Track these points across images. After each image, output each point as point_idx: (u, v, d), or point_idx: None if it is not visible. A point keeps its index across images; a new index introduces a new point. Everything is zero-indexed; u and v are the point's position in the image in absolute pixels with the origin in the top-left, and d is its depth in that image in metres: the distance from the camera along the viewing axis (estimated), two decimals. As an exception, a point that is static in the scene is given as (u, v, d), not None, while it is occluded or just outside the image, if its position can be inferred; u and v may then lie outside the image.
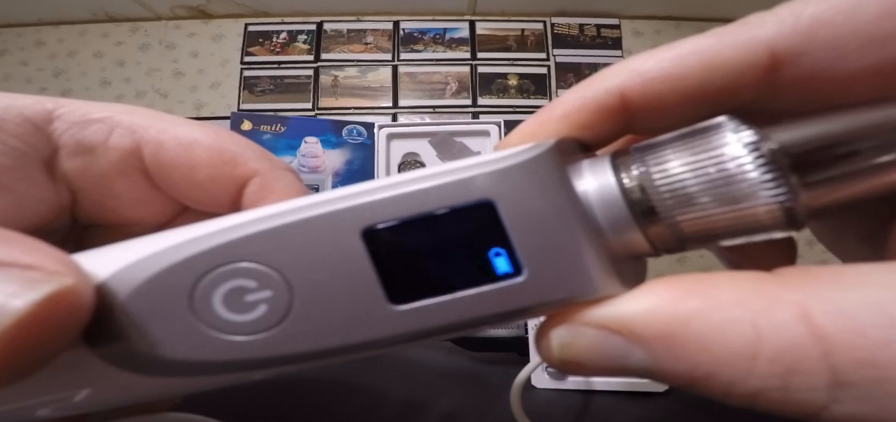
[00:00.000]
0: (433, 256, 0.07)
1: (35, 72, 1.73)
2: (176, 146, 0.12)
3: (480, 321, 0.07)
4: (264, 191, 0.12)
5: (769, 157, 0.06)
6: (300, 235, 0.07)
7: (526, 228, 0.07)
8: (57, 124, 0.11)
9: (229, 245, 0.07)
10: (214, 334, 0.07)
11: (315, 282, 0.07)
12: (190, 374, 0.07)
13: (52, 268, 0.07)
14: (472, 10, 1.79)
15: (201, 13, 1.75)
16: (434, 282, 0.07)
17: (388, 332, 0.07)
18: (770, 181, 0.06)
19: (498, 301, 0.07)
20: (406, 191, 0.07)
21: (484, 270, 0.07)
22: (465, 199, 0.07)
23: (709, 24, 1.31)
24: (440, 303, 0.07)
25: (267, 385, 0.22)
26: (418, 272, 0.07)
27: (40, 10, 1.67)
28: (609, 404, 0.20)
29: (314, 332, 0.07)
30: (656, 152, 0.07)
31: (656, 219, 0.07)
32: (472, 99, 1.76)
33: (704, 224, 0.07)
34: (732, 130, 0.06)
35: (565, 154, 0.07)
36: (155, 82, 1.75)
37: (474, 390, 0.22)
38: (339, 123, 0.64)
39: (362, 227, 0.07)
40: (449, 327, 0.07)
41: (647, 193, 0.07)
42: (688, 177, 0.06)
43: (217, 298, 0.07)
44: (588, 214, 0.07)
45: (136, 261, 0.07)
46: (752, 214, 0.06)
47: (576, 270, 0.07)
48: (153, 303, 0.07)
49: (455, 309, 0.07)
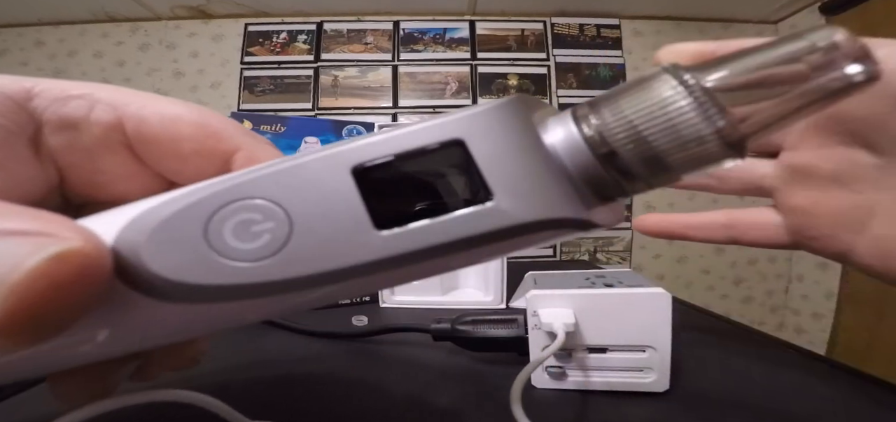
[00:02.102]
0: (412, 189, 0.08)
1: (35, 72, 1.73)
2: (159, 120, 0.12)
3: (457, 245, 0.08)
4: (252, 161, 0.12)
5: (702, 92, 0.07)
6: (299, 175, 0.08)
7: (493, 160, 0.08)
8: (37, 101, 0.11)
9: (239, 185, 0.08)
10: (225, 261, 0.08)
11: (311, 214, 0.08)
12: (206, 299, 0.08)
13: (66, 235, 0.07)
14: (472, 10, 1.79)
15: (201, 13, 1.75)
16: (414, 212, 0.08)
17: (373, 255, 0.08)
18: (706, 113, 0.07)
19: (472, 225, 0.08)
20: (390, 135, 0.08)
21: (458, 198, 0.08)
22: (439, 138, 0.08)
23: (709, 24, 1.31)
24: (419, 227, 0.08)
25: (269, 384, 0.22)
26: (400, 203, 0.08)
27: (40, 10, 1.67)
28: (609, 404, 0.20)
29: (310, 257, 0.08)
30: (610, 102, 0.08)
31: (617, 160, 0.08)
32: (472, 99, 1.76)
33: (659, 160, 0.08)
34: (671, 74, 0.07)
35: (532, 107, 0.09)
36: (155, 82, 1.75)
37: (474, 389, 0.22)
38: (339, 123, 0.64)
39: (352, 165, 0.08)
40: (429, 250, 0.08)
41: (605, 137, 0.08)
42: (638, 120, 0.08)
43: (228, 230, 0.08)
44: (554, 158, 0.08)
45: (158, 204, 0.08)
46: (696, 144, 0.07)
47: (542, 193, 0.08)
48: (174, 235, 0.08)
49: (432, 232, 0.08)
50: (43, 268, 0.07)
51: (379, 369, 0.25)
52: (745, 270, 1.75)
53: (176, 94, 1.74)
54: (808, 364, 0.26)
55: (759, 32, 1.79)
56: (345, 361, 0.26)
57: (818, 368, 0.25)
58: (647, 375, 0.21)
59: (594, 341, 0.21)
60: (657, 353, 0.20)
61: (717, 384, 0.22)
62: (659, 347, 0.20)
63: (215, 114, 0.13)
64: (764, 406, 0.20)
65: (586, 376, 0.21)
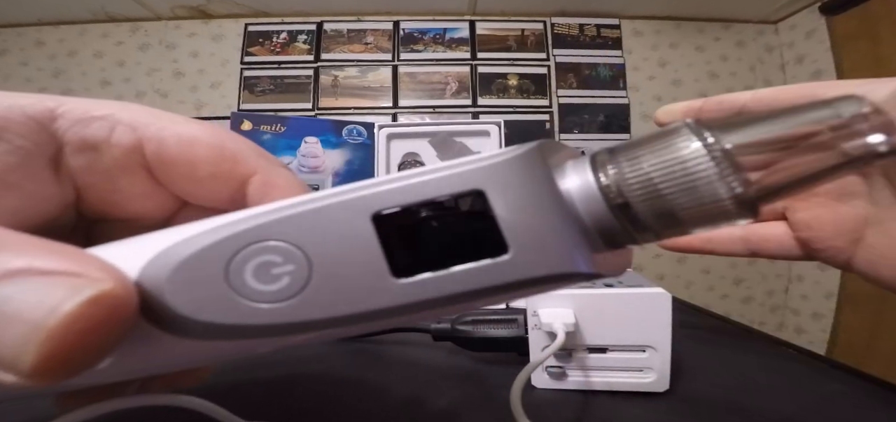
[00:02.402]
0: (431, 237, 0.08)
1: (35, 72, 1.73)
2: (177, 143, 0.12)
3: (472, 295, 0.08)
4: (267, 186, 0.13)
5: (722, 154, 0.07)
6: (320, 219, 0.08)
7: (511, 213, 0.08)
8: (60, 122, 0.11)
9: (260, 227, 0.08)
10: (245, 302, 0.08)
11: (330, 258, 0.08)
12: (224, 337, 0.08)
13: (96, 275, 0.07)
14: (472, 10, 1.79)
15: (201, 13, 1.75)
16: (431, 259, 0.08)
17: (390, 302, 0.08)
18: (724, 176, 0.07)
19: (487, 277, 0.08)
20: (411, 182, 0.08)
21: (475, 249, 0.08)
22: (460, 188, 0.08)
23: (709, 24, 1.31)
24: (436, 277, 0.08)
25: (272, 383, 0.22)
26: (418, 251, 0.08)
27: (40, 10, 1.67)
28: (609, 404, 0.20)
29: (328, 301, 0.08)
30: (629, 153, 0.08)
31: (630, 212, 0.08)
32: (472, 99, 1.76)
33: (671, 215, 0.08)
34: (692, 132, 0.07)
35: (552, 153, 0.09)
36: (155, 82, 1.75)
37: (474, 389, 0.22)
38: (339, 123, 0.64)
39: (372, 211, 0.08)
40: (444, 298, 0.08)
41: (621, 189, 0.08)
42: (655, 174, 0.08)
43: (248, 271, 0.08)
44: (569, 206, 0.08)
45: (180, 241, 0.09)
46: (711, 204, 0.07)
47: (555, 251, 0.08)
48: (196, 274, 0.08)
49: (449, 282, 0.08)
50: (78, 312, 0.07)
51: (379, 369, 0.25)
52: (745, 271, 1.75)
53: (176, 94, 1.74)
54: (808, 364, 0.26)
55: (759, 32, 1.79)
56: (344, 361, 0.26)
57: (818, 368, 0.25)
58: (647, 375, 0.21)
59: (594, 341, 0.21)
60: (657, 353, 0.20)
61: (716, 384, 0.22)
62: (659, 347, 0.20)
63: (232, 135, 0.13)
64: (764, 406, 0.20)
65: (586, 376, 0.21)
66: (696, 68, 1.81)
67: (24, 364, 0.07)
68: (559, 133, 1.75)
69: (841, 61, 1.57)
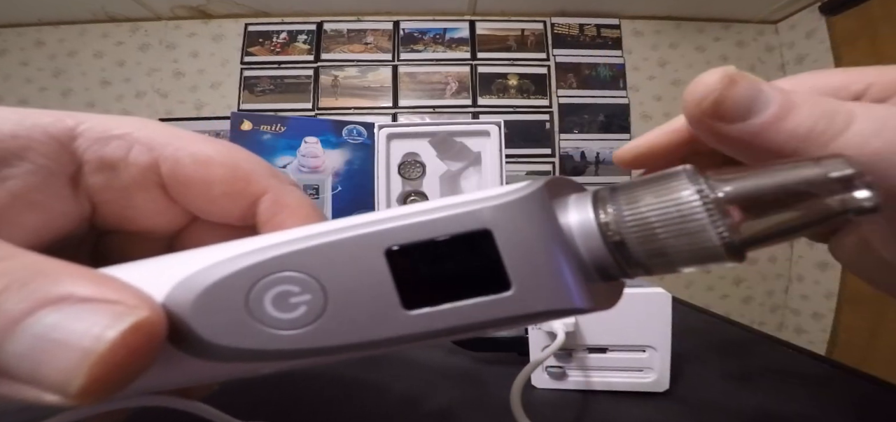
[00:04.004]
0: (440, 272, 0.09)
1: (35, 72, 1.73)
2: (192, 163, 0.12)
3: (476, 326, 0.09)
4: (278, 206, 0.13)
5: (714, 203, 0.08)
6: (336, 252, 0.09)
7: (515, 253, 0.08)
8: (79, 141, 0.12)
9: (279, 258, 0.09)
10: (264, 329, 0.09)
11: (345, 289, 0.09)
12: (242, 360, 0.09)
13: (133, 302, 0.08)
14: (472, 10, 1.79)
15: (201, 13, 1.75)
16: (440, 292, 0.09)
17: (400, 331, 0.09)
18: (714, 223, 0.08)
19: (490, 311, 0.09)
20: (423, 219, 0.09)
21: (480, 284, 0.09)
22: (469, 227, 0.08)
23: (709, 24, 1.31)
24: (444, 309, 0.09)
25: (274, 383, 0.22)
26: (427, 284, 0.09)
27: (40, 10, 1.67)
28: (609, 404, 0.20)
29: (343, 329, 0.09)
30: (628, 193, 0.09)
31: (624, 251, 0.08)
32: (472, 99, 1.76)
33: (662, 256, 0.08)
34: (689, 179, 0.08)
35: (557, 189, 0.09)
36: (155, 82, 1.75)
37: (474, 389, 0.22)
38: (339, 123, 0.64)
39: (385, 247, 0.09)
40: (450, 329, 0.09)
41: (618, 227, 0.08)
42: (651, 216, 0.08)
43: (267, 300, 0.09)
44: (569, 242, 0.09)
45: (202, 268, 0.09)
46: (701, 248, 0.08)
47: (554, 288, 0.08)
48: (218, 302, 0.09)
49: (455, 315, 0.09)
50: (121, 339, 0.08)
51: (378, 369, 0.25)
52: (745, 271, 1.75)
53: (176, 94, 1.74)
54: (807, 364, 0.26)
55: (759, 32, 1.79)
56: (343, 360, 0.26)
57: (818, 368, 0.25)
58: (647, 375, 0.21)
59: (594, 341, 0.21)
60: (657, 353, 0.20)
61: (716, 384, 0.22)
62: (659, 347, 0.20)
63: (244, 153, 0.13)
64: (763, 406, 0.20)
65: (586, 376, 0.21)
66: (696, 68, 1.81)
67: (73, 387, 0.07)
68: (559, 133, 1.75)
69: (841, 61, 1.57)
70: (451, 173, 0.56)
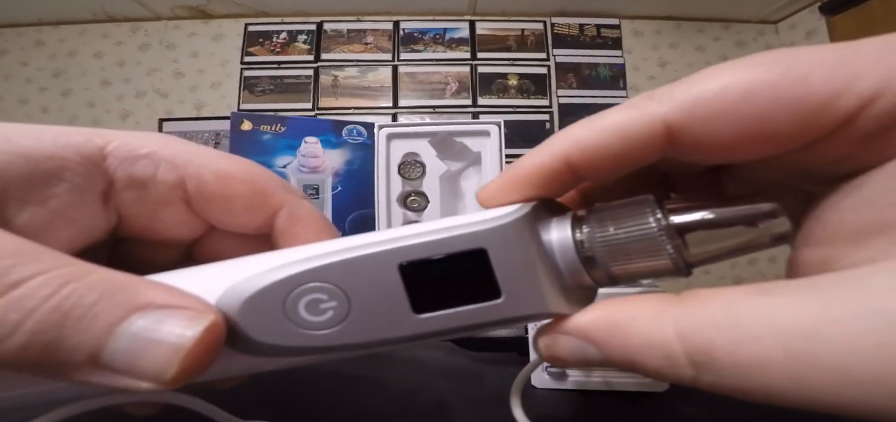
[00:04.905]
0: (444, 283, 0.10)
1: (35, 72, 1.73)
2: (215, 181, 0.14)
3: (472, 327, 0.11)
4: (293, 218, 0.14)
5: (667, 230, 0.10)
6: (358, 266, 0.10)
7: (505, 267, 0.10)
8: (110, 161, 0.13)
9: (311, 271, 0.10)
10: (298, 329, 0.11)
11: (366, 296, 0.10)
12: (280, 355, 0.11)
13: (201, 308, 0.10)
14: (472, 10, 1.79)
15: (201, 13, 1.75)
16: (443, 299, 0.10)
17: (410, 332, 0.11)
18: (667, 246, 0.10)
19: (484, 315, 0.10)
20: (429, 239, 0.10)
21: (477, 293, 0.10)
22: (467, 246, 0.10)
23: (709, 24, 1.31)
24: (446, 313, 0.10)
25: (265, 383, 0.22)
26: (433, 293, 0.10)
27: (40, 10, 1.67)
28: (609, 404, 0.20)
29: (363, 330, 0.11)
30: (599, 218, 0.10)
31: (595, 264, 0.10)
32: (472, 99, 1.76)
33: (625, 269, 0.10)
34: (649, 209, 0.10)
35: (544, 210, 0.11)
36: (155, 82, 1.75)
37: (474, 389, 0.22)
38: (339, 123, 0.64)
39: (398, 262, 0.10)
40: (451, 329, 0.11)
41: (590, 245, 0.10)
42: (618, 238, 0.10)
43: (301, 305, 0.10)
44: (549, 256, 0.11)
45: (245, 279, 0.11)
46: (654, 266, 0.10)
47: (535, 297, 0.10)
48: (260, 308, 0.11)
49: (456, 318, 0.10)
50: (200, 338, 0.09)
51: (378, 368, 0.25)
52: (745, 271, 1.75)
53: (176, 94, 1.74)
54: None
55: (759, 32, 1.79)
56: (343, 359, 0.26)
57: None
58: (646, 375, 0.21)
59: (594, 341, 0.21)
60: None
61: (716, 384, 0.22)
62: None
63: (260, 169, 0.15)
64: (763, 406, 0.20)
65: (586, 376, 0.21)
66: (697, 68, 1.76)
67: (167, 376, 0.09)
68: (559, 133, 1.75)
69: (841, 61, 1.57)
70: (451, 173, 0.56)
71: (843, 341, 0.07)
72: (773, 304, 0.08)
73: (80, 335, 0.09)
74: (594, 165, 0.10)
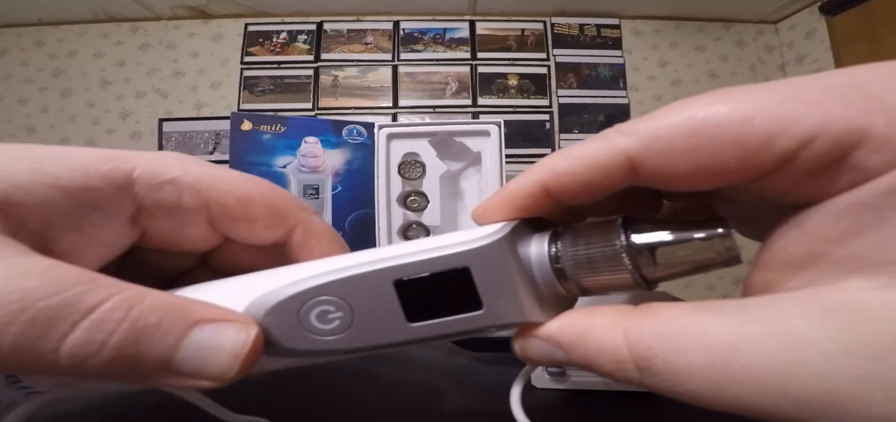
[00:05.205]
0: (433, 296, 0.12)
1: (35, 72, 1.73)
2: (237, 206, 0.15)
3: (458, 334, 0.12)
4: (307, 234, 0.16)
5: (630, 249, 0.11)
6: (359, 282, 0.12)
7: (485, 282, 0.11)
8: (137, 187, 0.14)
9: (320, 286, 0.12)
10: (311, 336, 0.12)
11: (367, 308, 0.12)
12: (296, 357, 0.13)
13: (246, 320, 0.12)
14: (472, 10, 1.79)
15: (201, 13, 1.75)
16: (432, 310, 0.12)
17: (405, 338, 0.12)
18: (627, 262, 0.11)
19: (468, 324, 0.12)
20: (420, 259, 0.12)
21: (461, 304, 0.12)
22: (452, 265, 0.11)
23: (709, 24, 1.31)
24: (436, 322, 0.12)
25: (265, 381, 0.22)
26: (423, 304, 0.12)
27: (40, 10, 1.68)
28: (609, 404, 0.20)
29: (365, 336, 0.12)
30: (572, 235, 0.12)
31: (567, 277, 0.12)
32: (472, 99, 1.76)
33: (593, 282, 0.11)
34: (615, 229, 0.11)
35: (529, 227, 0.13)
36: (155, 82, 1.75)
37: (474, 388, 0.22)
38: (339, 123, 0.64)
39: (393, 279, 0.12)
40: (440, 336, 0.12)
41: (563, 260, 0.12)
42: (588, 254, 0.11)
43: (313, 315, 0.12)
44: (527, 270, 0.12)
45: (266, 292, 0.12)
46: (619, 280, 0.11)
47: (513, 308, 0.11)
48: (280, 316, 0.12)
49: (444, 326, 0.12)
50: (252, 344, 0.11)
51: (377, 368, 0.25)
52: (745, 271, 1.74)
53: (176, 94, 1.74)
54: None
55: (759, 32, 1.80)
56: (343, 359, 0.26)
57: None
58: (646, 375, 0.21)
59: (594, 341, 0.21)
60: (657, 353, 0.20)
61: (716, 384, 0.22)
62: (658, 347, 0.20)
63: (277, 189, 0.16)
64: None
65: (586, 376, 0.21)
66: (697, 68, 1.81)
67: (228, 375, 0.11)
68: (559, 133, 1.75)
69: (841, 61, 1.57)
70: (451, 173, 0.56)
71: (756, 357, 0.08)
72: (707, 320, 0.09)
73: (154, 348, 0.11)
74: (567, 190, 0.12)
